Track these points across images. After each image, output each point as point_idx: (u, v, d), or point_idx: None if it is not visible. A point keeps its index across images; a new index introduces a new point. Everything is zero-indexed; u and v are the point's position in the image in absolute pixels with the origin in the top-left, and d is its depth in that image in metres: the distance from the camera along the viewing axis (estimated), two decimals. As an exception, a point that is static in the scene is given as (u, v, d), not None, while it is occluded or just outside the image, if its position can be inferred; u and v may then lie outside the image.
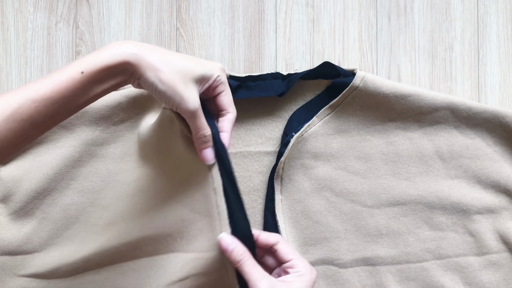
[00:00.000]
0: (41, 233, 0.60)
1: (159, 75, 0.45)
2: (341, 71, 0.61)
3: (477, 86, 0.66)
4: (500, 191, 0.62)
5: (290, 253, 0.51)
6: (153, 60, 0.45)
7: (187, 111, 0.47)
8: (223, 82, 0.51)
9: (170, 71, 0.46)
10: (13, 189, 0.60)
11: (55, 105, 0.43)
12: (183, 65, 0.47)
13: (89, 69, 0.43)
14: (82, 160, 0.61)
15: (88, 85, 0.44)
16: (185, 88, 0.46)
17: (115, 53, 0.44)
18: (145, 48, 0.46)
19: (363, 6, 0.66)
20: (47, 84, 0.43)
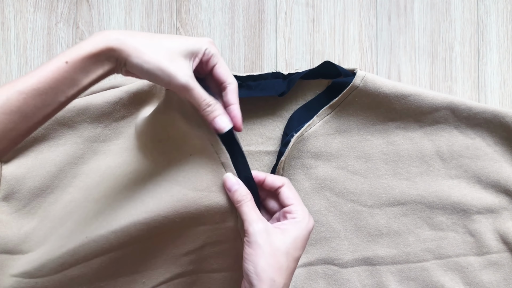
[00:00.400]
0: (39, 232, 0.59)
1: (142, 56, 0.45)
2: (341, 70, 0.61)
3: (477, 86, 0.66)
4: (500, 191, 0.62)
5: (291, 197, 0.51)
6: (135, 43, 0.45)
7: (179, 85, 0.47)
8: (214, 54, 0.49)
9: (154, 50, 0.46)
10: (16, 187, 0.60)
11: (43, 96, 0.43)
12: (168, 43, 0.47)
13: (73, 58, 0.44)
14: (84, 157, 0.61)
15: (74, 75, 0.44)
16: (170, 64, 0.46)
17: (97, 41, 0.44)
18: (128, 33, 0.46)
19: (363, 6, 0.66)
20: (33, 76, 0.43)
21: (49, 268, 0.55)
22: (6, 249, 0.59)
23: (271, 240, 0.47)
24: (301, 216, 0.50)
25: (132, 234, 0.53)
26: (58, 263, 0.55)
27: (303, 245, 0.50)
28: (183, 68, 0.46)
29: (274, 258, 0.47)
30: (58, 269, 0.55)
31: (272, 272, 0.46)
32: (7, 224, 0.59)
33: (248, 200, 0.50)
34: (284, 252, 0.47)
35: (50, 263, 0.55)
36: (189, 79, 0.47)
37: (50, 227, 0.59)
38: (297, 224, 0.49)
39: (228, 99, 0.51)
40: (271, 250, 0.47)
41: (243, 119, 0.62)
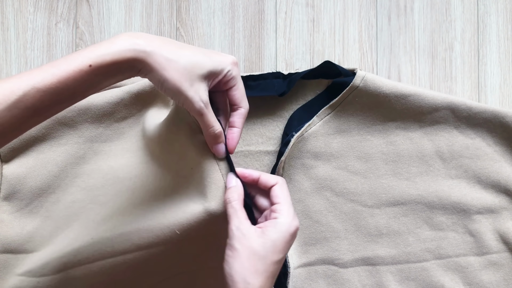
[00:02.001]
0: (43, 232, 0.59)
1: (164, 74, 0.45)
2: (341, 70, 0.61)
3: (477, 86, 0.66)
4: (500, 191, 0.62)
5: (279, 196, 0.50)
6: (160, 58, 0.45)
7: (193, 110, 0.47)
8: (234, 77, 0.50)
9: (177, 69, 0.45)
10: (17, 186, 0.60)
11: (60, 96, 0.43)
12: (192, 61, 0.47)
13: (98, 63, 0.43)
14: (86, 157, 0.61)
15: (95, 78, 0.44)
16: (190, 87, 0.46)
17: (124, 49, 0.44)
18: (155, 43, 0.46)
19: (363, 6, 0.66)
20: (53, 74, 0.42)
21: (52, 267, 0.56)
22: (9, 248, 0.59)
23: (249, 243, 0.46)
24: (284, 217, 0.49)
25: (134, 241, 0.54)
26: (61, 263, 0.55)
27: (284, 248, 0.48)
28: (200, 92, 0.47)
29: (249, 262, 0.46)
30: (61, 268, 0.55)
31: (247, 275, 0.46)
32: (9, 223, 0.59)
33: (234, 200, 0.49)
34: (262, 255, 0.46)
35: (53, 262, 0.56)
36: (203, 106, 0.47)
37: (55, 227, 0.59)
38: (277, 226, 0.48)
39: (234, 121, 0.52)
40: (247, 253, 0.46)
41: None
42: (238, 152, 0.63)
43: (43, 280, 0.56)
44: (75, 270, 0.55)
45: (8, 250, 0.59)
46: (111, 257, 0.55)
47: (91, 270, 0.55)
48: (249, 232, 0.47)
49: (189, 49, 0.48)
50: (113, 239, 0.54)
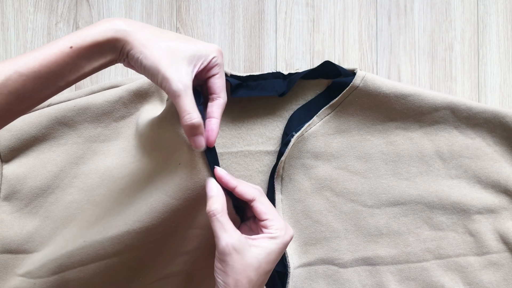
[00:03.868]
0: (43, 232, 0.59)
1: (144, 51, 0.44)
2: (341, 70, 0.61)
3: (477, 86, 0.66)
4: (500, 191, 0.62)
5: (265, 212, 0.49)
6: (141, 37, 0.45)
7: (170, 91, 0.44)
8: (218, 64, 0.48)
9: (157, 47, 0.45)
10: (17, 186, 0.60)
11: (43, 79, 0.43)
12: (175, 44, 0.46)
13: (78, 44, 0.43)
14: (84, 158, 0.61)
15: (77, 61, 0.43)
16: (169, 66, 0.44)
17: (105, 29, 0.44)
18: (136, 25, 0.45)
19: (363, 6, 0.66)
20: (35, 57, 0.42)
21: (47, 269, 0.56)
22: (9, 248, 0.59)
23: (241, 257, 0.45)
24: (278, 231, 0.48)
25: (126, 242, 0.54)
26: (56, 264, 0.55)
27: (276, 259, 0.48)
28: (181, 73, 0.45)
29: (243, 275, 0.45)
30: (56, 270, 0.55)
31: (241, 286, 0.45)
32: (8, 223, 0.59)
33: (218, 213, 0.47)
34: (256, 267, 0.46)
35: (49, 264, 0.56)
36: (182, 87, 0.44)
37: (53, 228, 0.59)
38: (273, 240, 0.47)
39: (212, 111, 0.49)
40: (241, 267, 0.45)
41: (243, 118, 0.63)
42: (238, 152, 0.63)
43: (39, 282, 0.56)
44: (70, 272, 0.55)
45: (8, 250, 0.59)
46: (104, 259, 0.55)
47: (86, 272, 0.55)
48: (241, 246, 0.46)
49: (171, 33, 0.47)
50: (104, 242, 0.54)
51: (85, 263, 0.55)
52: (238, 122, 0.63)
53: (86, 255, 0.55)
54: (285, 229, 0.49)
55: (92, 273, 0.55)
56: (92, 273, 0.55)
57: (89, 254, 0.55)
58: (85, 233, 0.56)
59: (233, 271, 0.45)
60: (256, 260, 0.46)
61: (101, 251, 0.54)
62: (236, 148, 0.63)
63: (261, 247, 0.47)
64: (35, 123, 0.60)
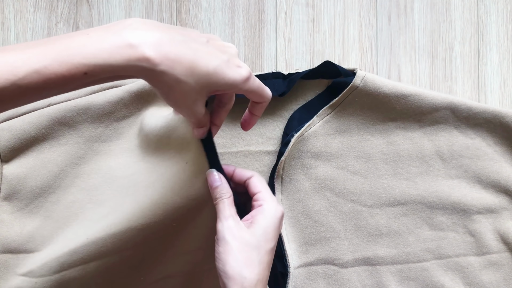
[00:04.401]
0: (43, 232, 0.59)
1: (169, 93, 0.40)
2: (341, 70, 0.61)
3: (477, 86, 0.66)
4: (500, 191, 0.62)
5: (259, 186, 0.49)
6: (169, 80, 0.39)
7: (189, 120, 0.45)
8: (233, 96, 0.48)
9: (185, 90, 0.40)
10: (17, 186, 0.60)
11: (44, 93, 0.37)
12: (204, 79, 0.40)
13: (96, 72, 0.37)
14: (86, 157, 0.61)
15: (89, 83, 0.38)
16: (195, 104, 0.42)
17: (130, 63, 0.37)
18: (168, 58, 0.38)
19: (363, 6, 0.66)
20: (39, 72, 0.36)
21: (49, 267, 0.56)
22: (9, 248, 0.59)
23: (240, 235, 0.45)
24: (269, 203, 0.48)
25: (128, 240, 0.54)
26: (57, 263, 0.55)
27: (274, 235, 0.47)
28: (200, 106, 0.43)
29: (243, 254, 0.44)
30: (58, 269, 0.55)
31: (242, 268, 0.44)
32: (9, 223, 0.59)
33: (227, 197, 0.47)
34: (255, 246, 0.45)
35: (50, 263, 0.56)
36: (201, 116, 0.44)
37: (55, 227, 0.59)
38: (265, 212, 0.47)
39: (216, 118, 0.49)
40: (239, 245, 0.45)
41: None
42: (238, 152, 0.63)
43: (40, 281, 0.56)
44: (71, 271, 0.55)
45: (8, 250, 0.59)
46: (106, 256, 0.55)
47: (87, 270, 0.55)
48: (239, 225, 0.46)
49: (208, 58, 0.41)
50: (107, 239, 0.54)
51: (87, 261, 0.55)
52: (238, 122, 0.63)
53: (88, 253, 0.55)
54: (276, 203, 0.48)
55: (94, 272, 0.55)
56: (93, 272, 0.55)
57: (91, 252, 0.54)
58: (88, 231, 0.56)
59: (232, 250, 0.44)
60: (254, 238, 0.46)
61: (103, 249, 0.54)
62: (236, 148, 0.63)
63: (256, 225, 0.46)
64: (35, 123, 0.60)
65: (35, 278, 0.56)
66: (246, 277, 0.44)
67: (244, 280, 0.44)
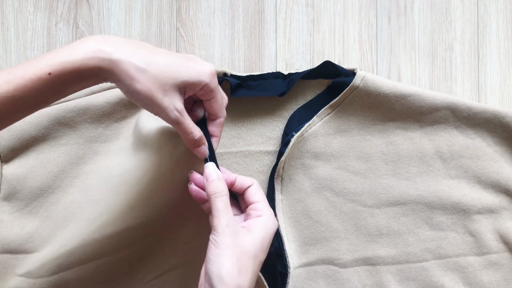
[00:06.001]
0: (43, 232, 0.59)
1: (134, 84, 0.42)
2: (341, 70, 0.61)
3: (477, 86, 0.66)
4: (500, 191, 0.62)
5: (258, 195, 0.49)
6: (128, 68, 0.41)
7: (168, 120, 0.45)
8: (212, 90, 0.46)
9: (147, 79, 0.42)
10: (17, 187, 0.60)
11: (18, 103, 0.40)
12: (164, 70, 0.43)
13: (58, 71, 0.40)
14: (85, 158, 0.61)
15: (57, 86, 0.41)
16: (163, 97, 0.43)
17: (88, 56, 0.40)
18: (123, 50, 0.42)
19: (363, 6, 0.66)
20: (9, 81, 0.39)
21: (47, 269, 0.56)
22: (9, 249, 0.59)
23: (239, 241, 0.44)
24: (267, 214, 0.47)
25: (125, 239, 0.54)
26: (55, 264, 0.56)
27: (268, 247, 0.47)
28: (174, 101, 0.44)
29: (241, 262, 0.43)
30: (55, 270, 0.56)
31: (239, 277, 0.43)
32: (8, 223, 0.59)
33: (224, 195, 0.46)
34: (252, 255, 0.44)
35: (48, 264, 0.56)
36: (178, 115, 0.44)
37: (53, 228, 0.59)
38: (262, 223, 0.46)
39: (213, 130, 0.50)
40: (238, 252, 0.44)
41: (243, 118, 0.63)
42: (238, 152, 0.63)
43: (39, 281, 0.56)
44: (69, 272, 0.55)
45: (8, 250, 0.59)
46: (103, 256, 0.55)
47: (85, 271, 0.55)
48: (239, 231, 0.45)
49: (162, 55, 0.44)
50: (102, 240, 0.54)
51: (84, 261, 0.55)
52: (238, 122, 0.63)
53: (85, 254, 0.55)
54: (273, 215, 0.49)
55: (92, 272, 0.55)
56: (91, 271, 0.55)
57: (88, 253, 0.55)
58: (84, 232, 0.56)
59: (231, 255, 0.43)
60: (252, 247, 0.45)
61: (100, 250, 0.54)
62: (236, 148, 0.63)
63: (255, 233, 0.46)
64: (35, 123, 0.60)
65: (33, 279, 0.56)
66: (240, 286, 0.43)
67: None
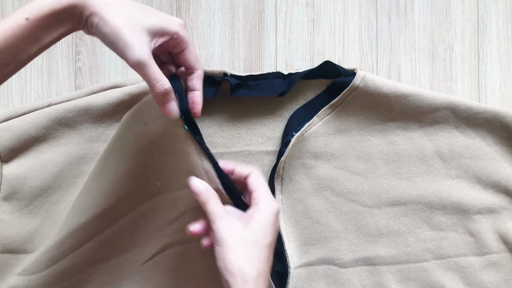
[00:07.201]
0: (43, 232, 0.59)
1: (105, 17, 0.43)
2: (341, 70, 0.61)
3: (477, 86, 0.66)
4: (500, 191, 0.62)
5: (255, 185, 0.50)
6: (100, 3, 0.43)
7: (132, 60, 0.44)
8: (183, 40, 0.47)
9: (117, 14, 0.43)
10: (17, 187, 0.60)
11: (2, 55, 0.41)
12: (135, 12, 0.44)
13: (34, 15, 0.41)
14: (86, 158, 0.61)
15: (36, 33, 0.42)
16: (131, 34, 0.43)
17: None
18: None
19: (363, 6, 0.66)
20: None
21: (40, 263, 0.56)
22: (9, 248, 0.59)
23: (237, 232, 0.46)
24: (263, 201, 0.49)
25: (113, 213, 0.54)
26: (47, 258, 0.55)
27: (272, 231, 0.48)
28: (143, 42, 0.44)
29: (242, 250, 0.45)
30: (48, 264, 0.55)
31: (242, 264, 0.45)
32: (9, 223, 0.59)
33: (212, 199, 0.48)
34: (253, 241, 0.46)
35: (40, 258, 0.56)
36: (145, 55, 0.44)
37: (54, 227, 0.59)
38: (259, 210, 0.48)
39: (193, 84, 0.50)
40: (238, 242, 0.46)
41: (243, 118, 0.63)
42: (238, 152, 0.63)
43: (33, 278, 0.56)
44: (62, 262, 0.55)
45: (8, 250, 0.59)
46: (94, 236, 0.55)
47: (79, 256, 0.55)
48: (235, 223, 0.47)
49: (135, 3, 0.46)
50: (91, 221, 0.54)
51: (76, 247, 0.55)
52: (238, 122, 0.63)
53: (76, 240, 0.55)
54: (271, 200, 0.50)
55: (85, 256, 0.55)
56: (84, 256, 0.55)
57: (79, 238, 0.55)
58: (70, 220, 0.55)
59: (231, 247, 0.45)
60: (251, 234, 0.47)
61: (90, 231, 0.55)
62: (236, 148, 0.63)
63: (253, 221, 0.48)
64: (35, 123, 0.60)
65: (28, 276, 0.56)
66: (247, 272, 0.45)
67: (245, 275, 0.45)
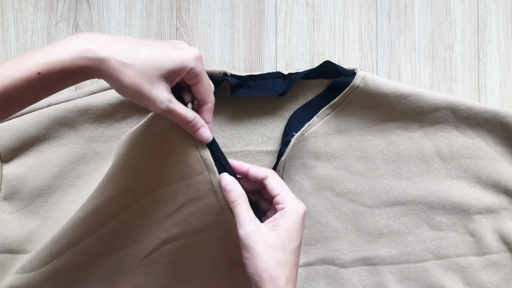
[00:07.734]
0: (43, 232, 0.59)
1: (121, 80, 0.43)
2: (342, 70, 0.61)
3: (477, 86, 0.66)
4: (500, 191, 0.62)
5: (276, 187, 0.50)
6: (115, 64, 0.43)
7: (159, 110, 0.46)
8: (197, 73, 0.47)
9: (134, 73, 0.43)
10: (17, 187, 0.60)
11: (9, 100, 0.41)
12: (149, 62, 0.44)
13: (47, 70, 0.41)
14: (86, 158, 0.61)
15: (46, 84, 0.42)
16: (151, 88, 0.44)
17: (76, 56, 0.42)
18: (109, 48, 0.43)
19: (363, 6, 0.66)
20: None
21: (38, 260, 0.55)
22: (9, 248, 0.59)
23: (264, 238, 0.47)
24: (290, 205, 0.49)
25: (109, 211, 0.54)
26: (45, 254, 0.55)
27: (298, 234, 0.49)
28: (162, 91, 0.45)
29: (271, 256, 0.46)
30: (47, 260, 0.55)
31: (272, 270, 0.46)
32: (9, 223, 0.59)
33: (242, 200, 0.49)
34: (280, 247, 0.47)
35: (39, 255, 0.56)
36: (169, 104, 0.46)
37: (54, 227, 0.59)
38: (287, 215, 0.48)
39: (204, 117, 0.50)
40: (265, 248, 0.46)
41: (243, 118, 0.63)
42: (238, 152, 0.63)
43: (33, 275, 0.56)
44: (61, 258, 0.55)
45: (8, 250, 0.59)
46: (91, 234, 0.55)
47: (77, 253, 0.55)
48: (262, 229, 0.48)
49: (146, 47, 0.45)
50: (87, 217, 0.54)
51: (74, 244, 0.55)
52: (238, 122, 0.63)
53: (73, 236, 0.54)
54: (297, 202, 0.50)
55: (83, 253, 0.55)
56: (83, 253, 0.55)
57: (76, 234, 0.54)
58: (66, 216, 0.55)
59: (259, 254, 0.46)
60: (278, 240, 0.47)
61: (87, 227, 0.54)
62: (236, 148, 0.63)
63: (279, 227, 0.48)
64: (35, 123, 0.60)
65: (26, 273, 0.56)
66: (277, 277, 0.46)
67: (275, 281, 0.46)
